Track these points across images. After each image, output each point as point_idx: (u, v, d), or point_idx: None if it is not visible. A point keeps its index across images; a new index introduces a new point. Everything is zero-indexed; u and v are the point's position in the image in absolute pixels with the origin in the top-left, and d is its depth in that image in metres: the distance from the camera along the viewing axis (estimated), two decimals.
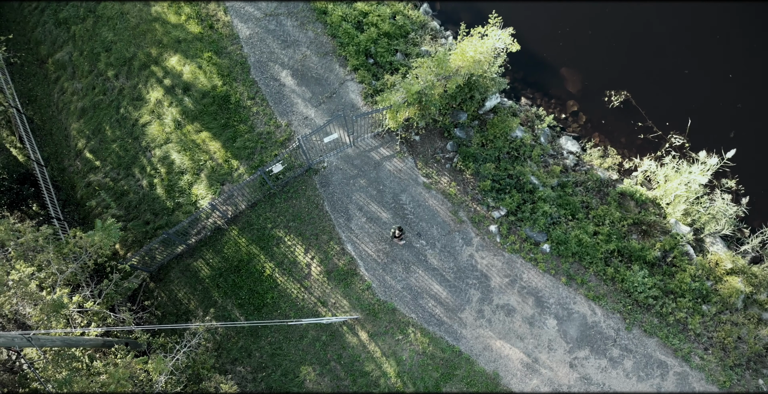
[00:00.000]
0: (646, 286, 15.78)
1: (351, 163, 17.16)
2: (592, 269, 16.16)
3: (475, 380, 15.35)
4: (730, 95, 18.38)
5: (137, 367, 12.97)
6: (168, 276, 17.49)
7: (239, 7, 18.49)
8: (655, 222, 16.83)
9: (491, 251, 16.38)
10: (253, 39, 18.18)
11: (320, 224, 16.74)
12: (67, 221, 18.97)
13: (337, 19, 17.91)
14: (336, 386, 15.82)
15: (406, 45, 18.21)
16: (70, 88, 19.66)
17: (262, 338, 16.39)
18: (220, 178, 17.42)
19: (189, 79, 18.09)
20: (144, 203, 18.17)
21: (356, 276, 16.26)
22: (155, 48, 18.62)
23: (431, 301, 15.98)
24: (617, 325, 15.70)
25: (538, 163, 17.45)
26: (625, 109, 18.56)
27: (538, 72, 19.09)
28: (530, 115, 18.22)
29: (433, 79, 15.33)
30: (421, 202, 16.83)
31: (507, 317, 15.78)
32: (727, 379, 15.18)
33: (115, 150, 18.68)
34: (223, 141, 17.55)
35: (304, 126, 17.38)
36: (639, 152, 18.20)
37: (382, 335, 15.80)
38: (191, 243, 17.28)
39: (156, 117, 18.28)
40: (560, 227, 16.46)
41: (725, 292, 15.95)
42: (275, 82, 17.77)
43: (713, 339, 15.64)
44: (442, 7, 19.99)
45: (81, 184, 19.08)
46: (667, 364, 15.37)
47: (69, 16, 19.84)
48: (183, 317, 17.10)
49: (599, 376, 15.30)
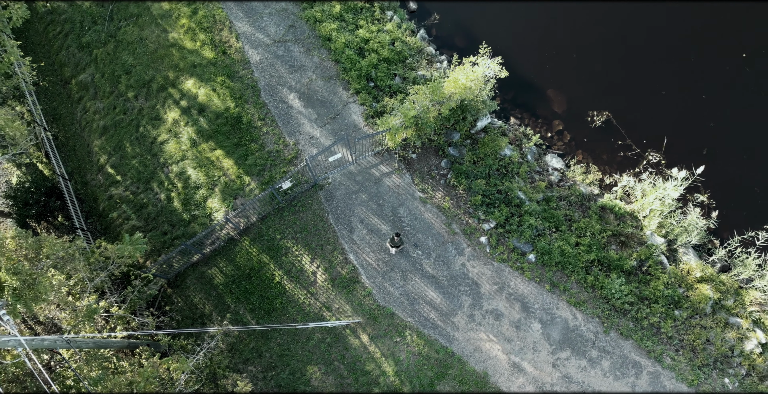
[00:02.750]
0: (623, 293, 17.28)
1: (353, 180, 18.67)
2: (574, 277, 17.66)
3: (467, 378, 16.85)
4: (704, 115, 19.88)
5: (162, 366, 14.46)
6: (184, 283, 19.00)
7: (250, 34, 20.01)
8: (633, 234, 18.33)
9: (481, 260, 17.88)
10: (263, 64, 19.69)
11: (325, 236, 18.25)
12: (90, 231, 20.50)
13: (340, 46, 19.43)
14: (340, 385, 17.32)
15: (404, 70, 19.72)
16: (93, 107, 21.18)
17: (271, 339, 17.89)
18: (233, 192, 18.93)
19: (204, 101, 19.61)
20: (162, 214, 19.68)
21: (358, 283, 17.76)
22: (172, 71, 20.14)
23: (426, 306, 17.48)
24: (596, 328, 17.20)
25: (525, 179, 18.96)
26: (606, 129, 20.06)
27: (526, 93, 20.60)
28: (518, 135, 19.73)
29: (429, 104, 16.86)
30: (418, 215, 18.34)
31: (496, 321, 17.28)
32: (695, 378, 16.68)
33: (134, 166, 20.19)
34: (236, 158, 19.06)
35: (310, 145, 18.90)
36: (619, 169, 19.70)
37: (382, 337, 17.30)
38: (206, 252, 18.78)
39: (173, 135, 19.80)
40: (545, 238, 17.97)
41: (695, 298, 17.45)
42: (283, 104, 19.29)
43: (683, 341, 17.14)
44: (437, 32, 21.49)
45: (103, 197, 20.59)
46: (641, 364, 16.87)
47: (91, 40, 21.36)
48: (198, 320, 18.60)
49: (579, 375, 16.80)
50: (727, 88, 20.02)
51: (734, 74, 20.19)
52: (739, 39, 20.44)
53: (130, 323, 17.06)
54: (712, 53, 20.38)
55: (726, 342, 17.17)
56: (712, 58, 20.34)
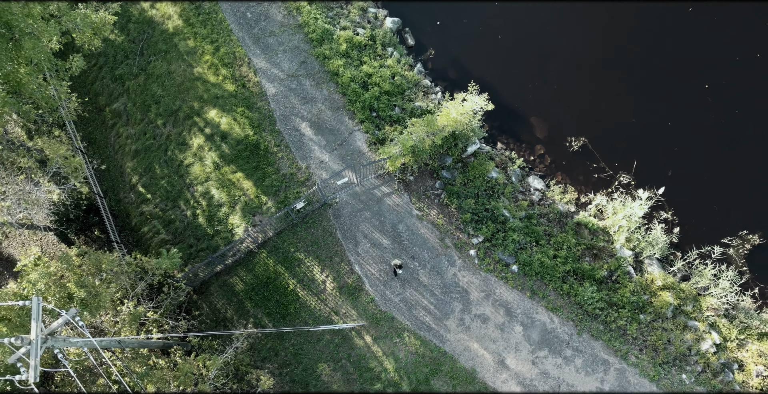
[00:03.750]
0: (594, 299, 19.75)
1: (358, 199, 21.18)
2: (552, 286, 20.14)
3: (457, 374, 19.33)
4: (669, 140, 22.34)
5: (196, 363, 16.96)
6: (208, 290, 21.52)
7: (266, 69, 22.53)
8: (604, 247, 20.83)
9: (471, 270, 20.37)
10: (278, 96, 22.22)
11: (333, 249, 20.75)
12: (124, 243, 23.02)
13: (346, 80, 21.95)
14: (346, 380, 19.81)
15: (403, 101, 22.23)
16: (125, 133, 23.72)
17: (286, 340, 20.39)
18: (252, 210, 21.45)
19: (226, 128, 22.14)
20: (188, 229, 22.20)
21: (362, 291, 20.26)
22: (197, 102, 22.68)
23: (422, 311, 19.98)
24: (570, 330, 19.67)
25: (510, 199, 21.45)
26: (583, 153, 22.55)
27: (512, 121, 23.09)
28: (504, 158, 22.23)
29: (424, 135, 19.38)
30: (415, 230, 20.84)
31: (483, 324, 19.77)
32: (656, 374, 19.15)
33: (163, 185, 22.71)
34: (254, 180, 21.58)
35: (320, 169, 21.43)
36: (593, 188, 22.18)
37: (383, 338, 19.79)
38: (228, 263, 21.29)
39: (198, 159, 22.32)
40: (526, 251, 20.46)
41: (658, 304, 19.92)
42: (296, 132, 21.82)
43: (647, 342, 19.61)
44: (433, 65, 24.00)
45: (135, 213, 23.12)
46: (609, 362, 19.34)
47: (124, 73, 23.90)
48: (221, 323, 21.12)
49: (555, 371, 19.27)
50: (691, 116, 22.47)
51: (697, 104, 22.64)
52: (702, 71, 22.88)
53: (163, 325, 19.58)
54: (677, 84, 22.84)
55: (684, 343, 19.63)
56: (677, 88, 22.80)
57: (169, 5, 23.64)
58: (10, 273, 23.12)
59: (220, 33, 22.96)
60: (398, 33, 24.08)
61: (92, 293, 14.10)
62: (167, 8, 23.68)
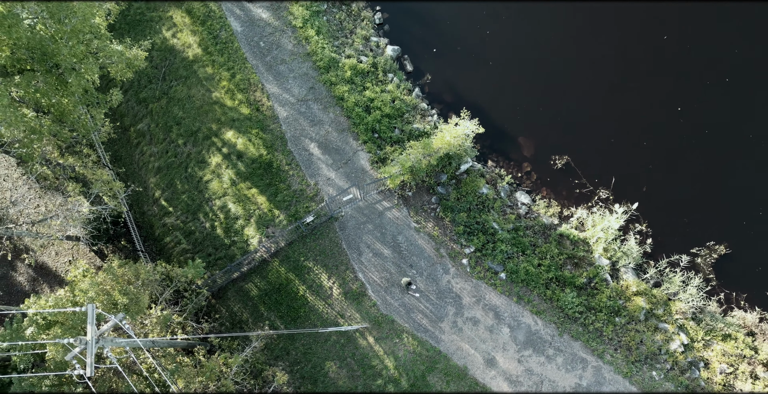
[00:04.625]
0: (574, 304, 21.96)
1: (361, 213, 23.41)
2: (536, 292, 22.34)
3: (450, 371, 21.54)
4: (644, 159, 24.54)
5: (219, 361, 19.17)
6: (226, 295, 23.75)
7: (278, 94, 24.78)
8: (584, 257, 23.04)
9: (463, 278, 22.59)
10: (289, 119, 24.47)
11: (339, 258, 22.97)
12: (148, 252, 25.26)
13: (351, 104, 24.18)
14: (351, 376, 22.02)
15: (402, 123, 24.47)
16: (149, 151, 25.98)
17: (297, 340, 22.61)
18: (265, 223, 23.68)
19: (241, 148, 24.39)
20: (207, 240, 24.43)
21: (365, 296, 22.48)
22: (215, 124, 24.93)
23: (419, 314, 22.19)
24: (552, 332, 21.87)
25: (499, 213, 23.67)
26: (566, 170, 24.75)
27: (501, 140, 25.30)
28: (494, 175, 24.46)
29: (421, 157, 21.62)
30: (413, 241, 23.06)
31: (474, 326, 21.98)
32: (629, 371, 21.34)
33: (184, 199, 24.95)
34: (268, 195, 23.81)
35: (327, 185, 23.66)
36: (575, 203, 24.39)
37: (384, 339, 22.00)
38: (244, 270, 23.52)
39: (216, 176, 24.57)
40: (513, 260, 22.68)
41: (632, 308, 22.12)
42: (306, 152, 24.06)
43: (621, 342, 21.80)
44: (429, 89, 26.23)
45: (158, 225, 25.36)
46: (587, 360, 21.54)
47: (147, 96, 26.15)
48: (238, 325, 23.34)
49: (539, 369, 21.47)
50: (664, 136, 24.66)
51: (670, 125, 24.84)
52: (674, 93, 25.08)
53: (185, 327, 21.81)
54: (652, 107, 25.04)
55: (655, 343, 21.82)
56: (652, 111, 25.00)
57: (189, 35, 25.91)
58: (45, 279, 25.36)
59: (236, 61, 25.22)
60: (398, 60, 26.32)
61: (133, 300, 16.32)
62: (187, 38, 25.95)
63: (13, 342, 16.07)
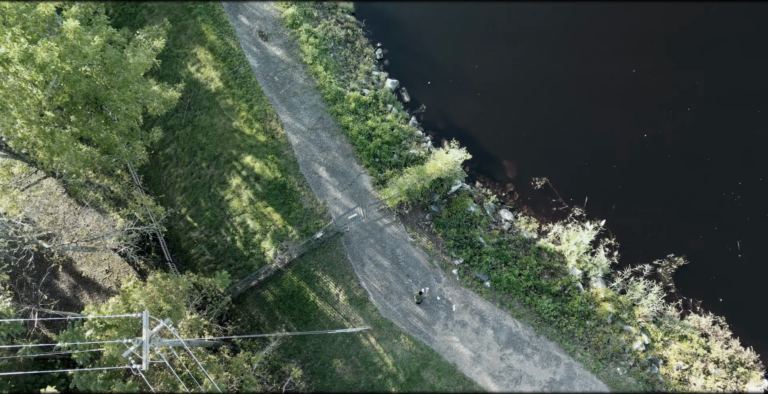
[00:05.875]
0: (550, 309, 25.20)
1: (364, 229, 26.69)
2: (517, 298, 25.60)
3: (442, 367, 24.78)
4: (614, 180, 27.78)
5: (243, 359, 22.45)
6: (245, 300, 27.03)
7: (291, 124, 28.10)
8: (559, 267, 26.29)
9: (453, 286, 25.86)
10: (301, 146, 27.78)
11: (345, 268, 26.25)
12: (175, 262, 28.55)
13: (355, 133, 27.47)
14: (355, 372, 25.27)
15: (400, 149, 27.76)
16: (175, 172, 29.29)
17: (308, 341, 25.88)
18: (280, 237, 26.97)
19: (259, 171, 27.69)
20: (228, 252, 27.72)
21: (367, 302, 25.75)
22: (235, 149, 28.25)
23: (415, 318, 25.46)
24: (530, 333, 25.12)
25: (485, 228, 26.95)
26: (544, 190, 28.01)
27: (487, 163, 28.56)
28: (481, 195, 27.74)
29: (416, 181, 24.91)
30: (409, 254, 26.34)
31: (462, 328, 25.24)
32: (597, 367, 24.58)
33: (207, 216, 28.25)
34: (282, 213, 27.11)
35: (334, 204, 26.95)
36: (552, 219, 27.64)
37: (384, 339, 25.26)
38: (261, 279, 26.80)
39: (236, 195, 27.87)
40: (497, 270, 25.94)
41: (600, 312, 25.36)
42: (315, 174, 27.36)
43: (590, 342, 25.04)
44: (424, 118, 29.52)
45: (184, 238, 28.66)
46: (560, 358, 24.78)
47: (174, 123, 29.48)
48: (255, 327, 26.62)
49: (518, 365, 24.71)
50: (632, 160, 27.90)
51: (636, 150, 28.09)
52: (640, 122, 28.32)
53: (211, 329, 25.10)
54: (621, 133, 28.28)
55: (620, 343, 25.06)
56: (621, 136, 28.24)
57: (211, 70, 29.24)
58: (84, 287, 28.67)
59: (253, 93, 28.53)
60: (396, 91, 29.62)
61: (174, 306, 19.60)
62: (210, 72, 29.28)
63: (74, 342, 19.38)
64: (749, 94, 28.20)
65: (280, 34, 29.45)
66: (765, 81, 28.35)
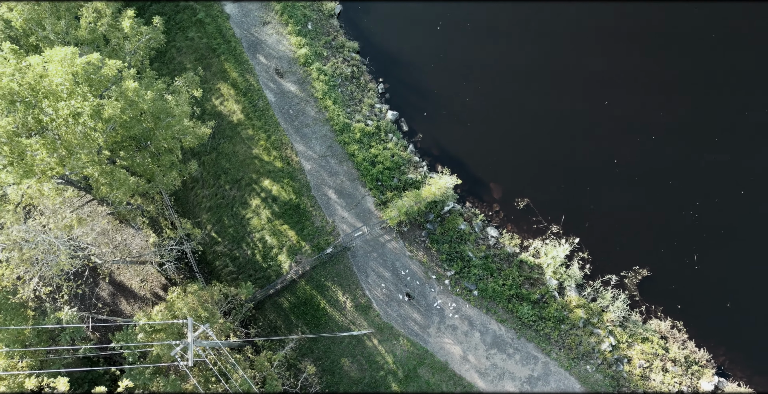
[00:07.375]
0: (530, 314, 29.05)
1: (368, 244, 30.60)
2: (501, 305, 29.46)
3: (435, 365, 28.66)
4: (587, 201, 31.63)
5: (265, 357, 26.35)
6: (264, 306, 30.95)
7: (304, 151, 32.02)
8: (538, 278, 30.15)
9: (446, 294, 29.74)
10: (312, 171, 31.70)
11: (351, 279, 30.14)
12: (201, 273, 32.48)
13: (360, 160, 31.37)
14: (360, 369, 29.15)
15: (399, 174, 31.66)
16: (201, 193, 33.23)
17: (319, 342, 29.77)
18: (295, 251, 30.88)
19: (276, 194, 31.62)
20: (249, 264, 31.64)
21: (371, 308, 29.64)
22: (255, 174, 32.17)
23: (412, 322, 29.35)
24: (512, 336, 28.98)
25: (473, 244, 30.83)
26: (526, 209, 31.86)
27: (476, 185, 32.44)
28: (470, 214, 31.63)
29: (413, 203, 28.83)
30: (408, 266, 30.22)
31: (453, 331, 29.12)
32: (570, 365, 28.43)
33: (230, 232, 32.17)
34: (296, 230, 31.03)
35: (342, 223, 30.85)
36: (533, 236, 31.49)
37: (385, 341, 29.15)
38: (278, 288, 30.70)
39: (255, 214, 31.79)
40: (484, 281, 29.82)
41: (573, 317, 29.21)
42: (325, 196, 31.28)
43: (564, 343, 28.88)
44: (421, 145, 33.42)
45: (209, 252, 32.59)
46: (538, 357, 28.63)
47: (200, 150, 33.43)
48: (273, 330, 30.53)
49: (502, 363, 28.57)
50: (602, 183, 31.73)
51: (607, 174, 31.90)
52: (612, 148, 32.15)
53: (236, 332, 29.02)
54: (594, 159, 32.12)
55: (590, 344, 28.91)
56: (593, 162, 32.08)
57: (233, 103, 33.19)
58: (122, 294, 32.62)
59: (271, 125, 32.47)
60: (396, 122, 33.53)
61: (210, 313, 23.52)
62: (232, 105, 33.24)
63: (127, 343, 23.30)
64: (705, 125, 32.01)
65: (294, 71, 33.39)
66: (720, 114, 32.14)
